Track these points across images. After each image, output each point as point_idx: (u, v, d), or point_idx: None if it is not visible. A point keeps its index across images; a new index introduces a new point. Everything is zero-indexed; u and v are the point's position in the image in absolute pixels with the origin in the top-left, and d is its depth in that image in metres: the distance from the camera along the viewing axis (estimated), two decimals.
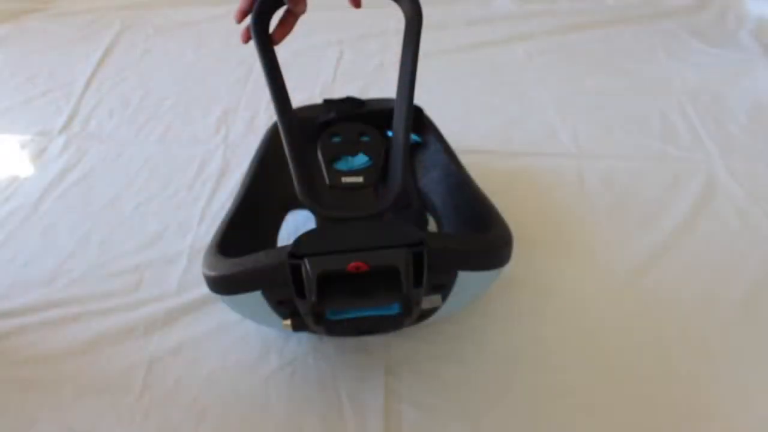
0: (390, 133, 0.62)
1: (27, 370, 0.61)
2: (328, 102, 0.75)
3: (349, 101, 0.75)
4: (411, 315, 0.51)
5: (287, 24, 0.55)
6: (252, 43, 0.56)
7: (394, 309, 0.52)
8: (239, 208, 0.63)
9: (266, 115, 0.98)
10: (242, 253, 0.51)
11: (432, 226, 0.72)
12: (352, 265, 0.45)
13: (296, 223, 0.75)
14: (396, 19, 0.60)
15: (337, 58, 1.15)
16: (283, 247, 0.47)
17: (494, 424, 0.55)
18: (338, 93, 0.77)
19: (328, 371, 0.59)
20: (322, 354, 0.61)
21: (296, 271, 0.46)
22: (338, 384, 0.58)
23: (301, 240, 0.47)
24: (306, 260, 0.45)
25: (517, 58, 1.15)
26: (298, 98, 0.72)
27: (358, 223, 0.50)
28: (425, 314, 0.57)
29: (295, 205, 0.70)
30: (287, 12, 0.55)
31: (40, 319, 0.65)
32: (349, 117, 0.71)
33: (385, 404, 0.56)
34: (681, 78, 1.06)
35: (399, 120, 0.56)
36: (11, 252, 0.74)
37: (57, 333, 0.64)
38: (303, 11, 0.55)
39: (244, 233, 0.61)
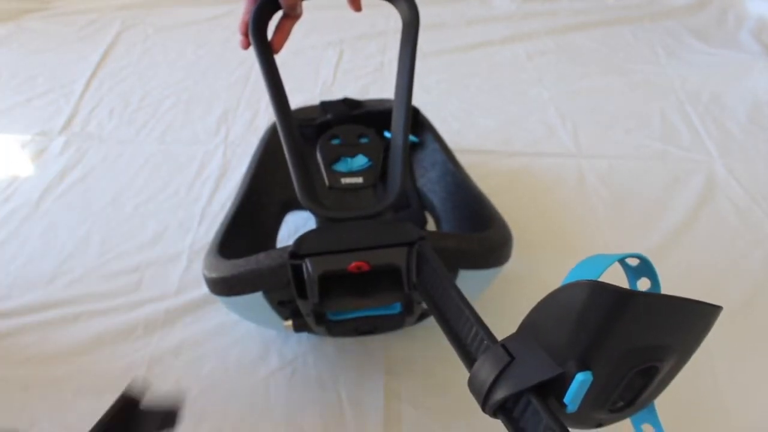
0: (387, 134, 0.62)
1: (27, 370, 0.61)
2: (324, 103, 0.75)
3: (346, 102, 0.75)
4: (412, 314, 0.51)
5: (284, 29, 0.55)
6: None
7: (396, 308, 0.52)
8: (239, 208, 0.63)
9: (266, 115, 0.98)
10: (242, 253, 0.51)
11: (431, 225, 0.72)
12: (354, 264, 0.45)
13: (296, 224, 0.75)
14: (395, 19, 0.60)
15: (337, 58, 1.15)
16: (284, 248, 0.47)
17: (494, 424, 0.55)
18: (338, 93, 0.77)
19: (328, 371, 0.59)
20: (322, 354, 0.61)
21: (298, 271, 0.46)
22: (338, 384, 0.58)
23: (301, 240, 0.47)
24: (307, 260, 0.45)
25: (517, 58, 1.15)
26: (298, 98, 0.72)
27: (358, 222, 0.50)
28: (426, 313, 0.57)
29: (295, 205, 0.70)
30: (284, 17, 0.55)
31: (40, 319, 0.65)
32: (347, 118, 0.71)
33: (385, 404, 0.56)
34: (681, 78, 1.06)
35: (398, 122, 0.56)
36: (11, 252, 0.74)
37: (57, 333, 0.64)
38: (300, 15, 0.55)
39: (244, 234, 0.61)
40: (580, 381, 0.27)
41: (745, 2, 1.28)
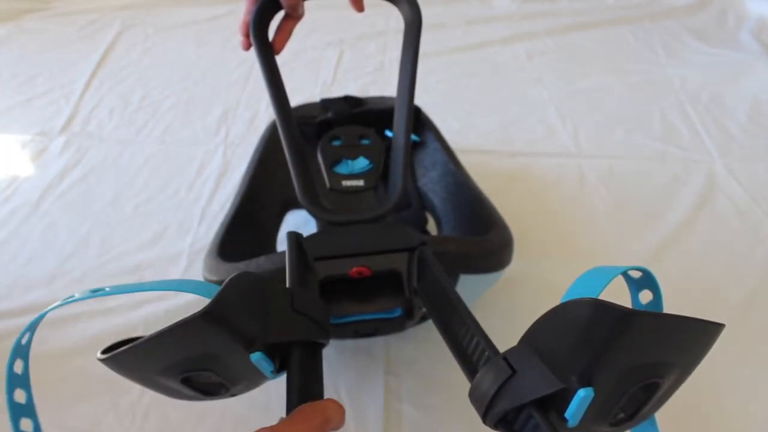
0: (388, 133, 0.62)
1: None
2: (325, 101, 0.75)
3: (347, 100, 0.75)
4: (413, 318, 0.51)
5: (286, 29, 0.55)
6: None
7: (397, 312, 0.52)
8: (238, 209, 0.63)
9: (266, 115, 0.98)
10: (243, 254, 0.51)
11: (431, 225, 0.72)
12: (355, 270, 0.45)
13: (296, 223, 0.75)
14: (396, 19, 0.60)
15: (337, 58, 1.15)
16: (285, 252, 0.47)
17: None
18: (338, 93, 0.77)
19: (328, 371, 0.59)
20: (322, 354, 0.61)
21: None
22: (338, 384, 0.58)
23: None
24: None
25: (517, 58, 1.15)
26: (298, 98, 0.71)
27: (360, 226, 0.50)
28: (426, 316, 0.57)
29: (295, 204, 0.70)
30: (285, 17, 0.55)
31: None
32: (347, 116, 0.71)
33: (385, 404, 0.56)
34: (681, 78, 1.06)
35: (399, 123, 0.55)
36: (11, 252, 0.74)
37: (57, 333, 0.64)
38: (301, 16, 0.55)
39: (244, 234, 0.61)
40: (582, 397, 0.27)
41: (745, 2, 1.28)
